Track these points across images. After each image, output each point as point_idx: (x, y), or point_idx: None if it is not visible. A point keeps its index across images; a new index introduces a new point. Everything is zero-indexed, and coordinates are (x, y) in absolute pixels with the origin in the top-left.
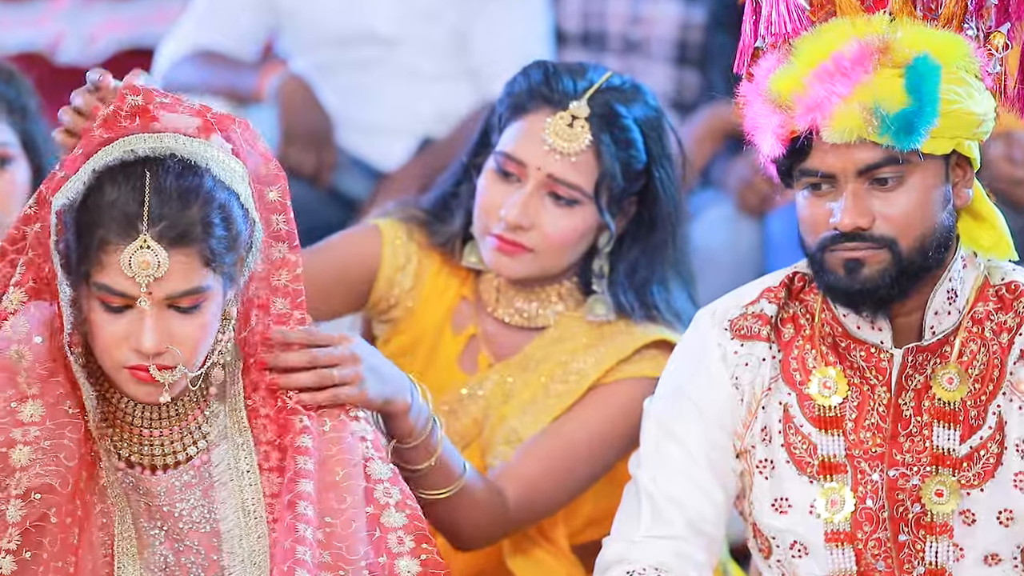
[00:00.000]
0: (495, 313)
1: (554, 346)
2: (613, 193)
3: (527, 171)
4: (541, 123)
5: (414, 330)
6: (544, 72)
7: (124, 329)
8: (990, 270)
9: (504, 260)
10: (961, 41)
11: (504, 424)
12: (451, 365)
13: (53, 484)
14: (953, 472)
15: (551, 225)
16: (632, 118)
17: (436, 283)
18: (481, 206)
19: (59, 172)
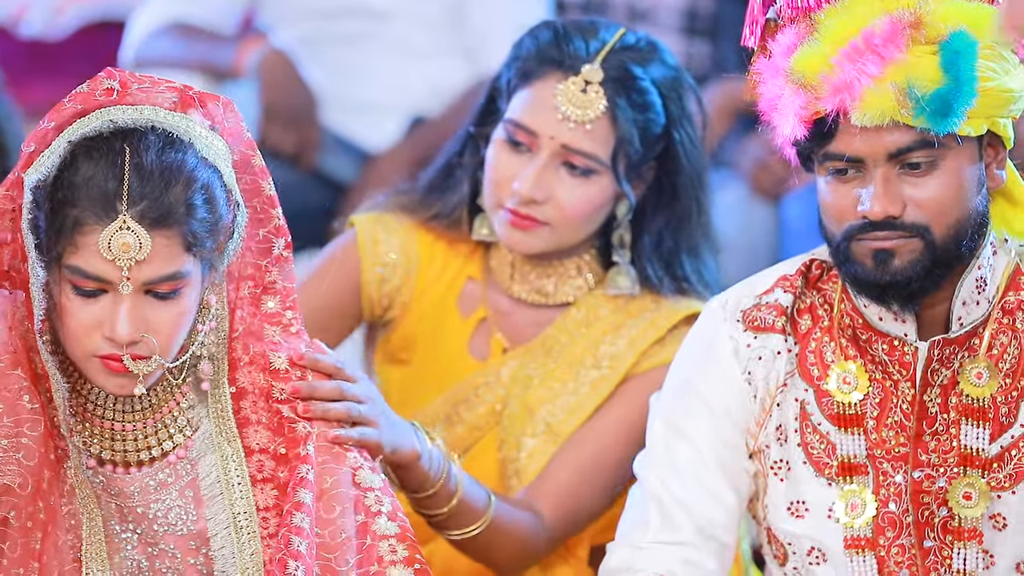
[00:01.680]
0: (510, 291)
1: (580, 328)
2: (631, 160)
3: (539, 141)
4: (552, 89)
5: (414, 322)
6: (553, 33)
7: (96, 316)
8: (1021, 256)
9: (518, 235)
10: (996, 13)
11: (532, 416)
12: (461, 352)
13: (12, 485)
14: (982, 473)
15: (567, 197)
16: (649, 79)
17: (431, 268)
18: (491, 179)
19: (28, 147)
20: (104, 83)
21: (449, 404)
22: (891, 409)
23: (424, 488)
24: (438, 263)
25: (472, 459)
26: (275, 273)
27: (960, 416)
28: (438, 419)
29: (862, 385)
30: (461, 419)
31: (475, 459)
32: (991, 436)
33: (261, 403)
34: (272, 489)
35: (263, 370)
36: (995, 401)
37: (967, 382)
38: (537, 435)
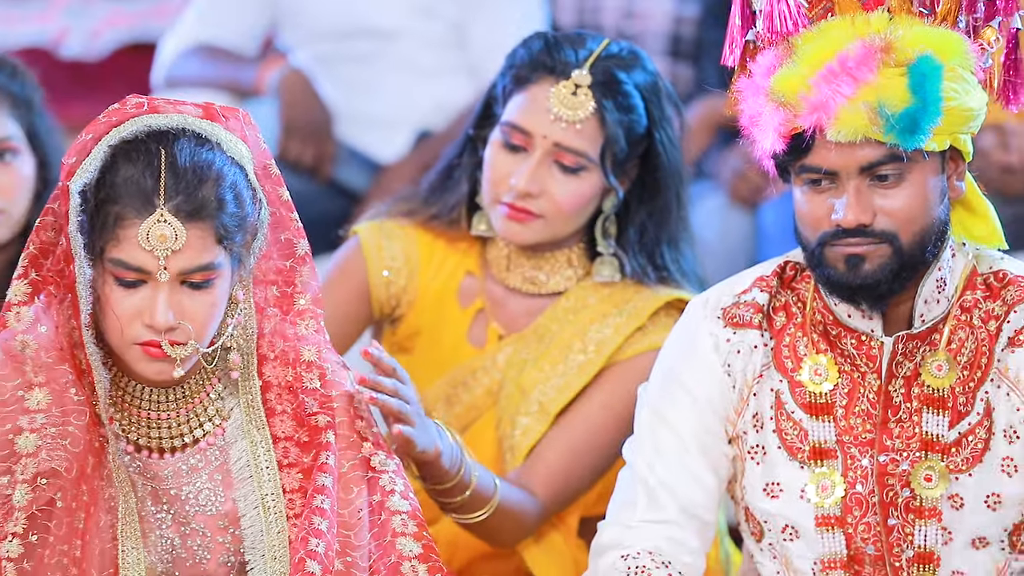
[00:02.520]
0: (505, 281)
1: (569, 316)
2: (617, 158)
3: (533, 141)
4: (545, 93)
5: (418, 315)
6: (545, 42)
7: (137, 305)
8: (978, 259)
9: (515, 227)
10: (959, 39)
11: (526, 397)
12: (460, 340)
13: (59, 469)
14: (942, 457)
15: (559, 191)
16: (632, 84)
17: (431, 266)
18: (490, 177)
19: (69, 159)
20: (134, 100)
21: (449, 386)
22: (859, 398)
23: (442, 482)
24: (437, 260)
25: (471, 436)
26: (303, 273)
27: (922, 405)
28: (439, 400)
29: (832, 376)
30: (460, 400)
31: (474, 436)
32: (950, 423)
33: (286, 395)
34: (297, 473)
35: (288, 365)
36: (953, 391)
37: (928, 374)
38: (530, 414)
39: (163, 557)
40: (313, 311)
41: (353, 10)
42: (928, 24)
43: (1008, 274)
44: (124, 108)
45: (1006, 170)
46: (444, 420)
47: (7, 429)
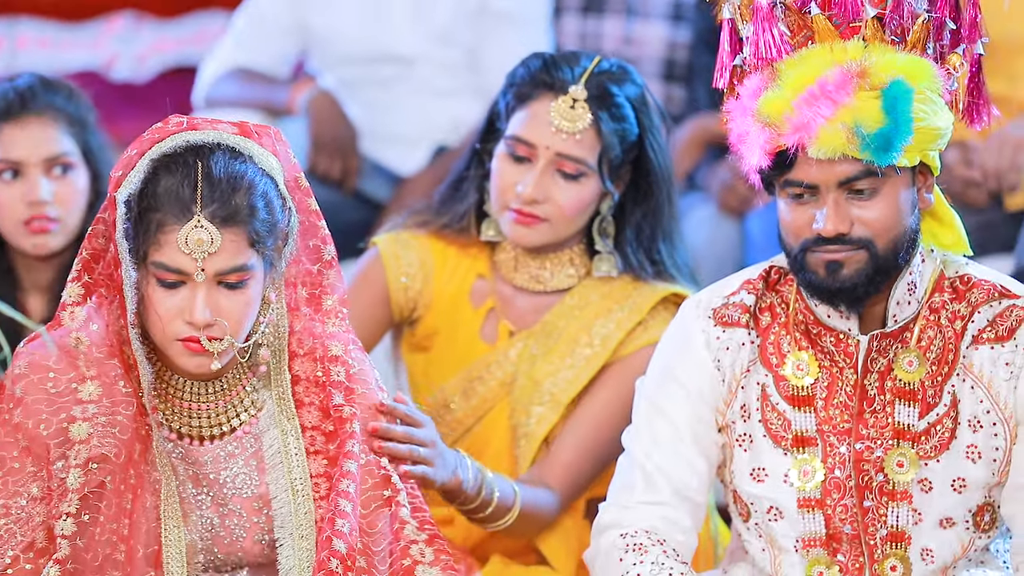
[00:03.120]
0: (514, 281)
1: (574, 313)
2: (613, 164)
3: (537, 151)
4: (546, 107)
5: (434, 317)
6: (543, 62)
7: (178, 304)
8: (945, 264)
9: (522, 231)
10: (928, 65)
11: (538, 388)
12: (473, 338)
13: (109, 455)
14: (912, 445)
15: (562, 197)
16: (624, 96)
17: (445, 271)
18: (498, 186)
19: (116, 172)
20: (175, 119)
21: (465, 381)
22: (837, 391)
23: (466, 504)
24: (451, 265)
25: (485, 425)
26: (330, 276)
27: (894, 397)
28: (456, 393)
29: (813, 371)
30: (476, 392)
31: (488, 426)
32: (920, 414)
33: (313, 389)
34: (323, 459)
35: (316, 361)
36: (923, 385)
37: (900, 369)
38: (544, 403)
39: (203, 535)
40: (339, 311)
41: (377, 38)
42: (900, 51)
43: (972, 278)
44: (166, 126)
45: (969, 184)
46: (461, 411)
47: (62, 419)
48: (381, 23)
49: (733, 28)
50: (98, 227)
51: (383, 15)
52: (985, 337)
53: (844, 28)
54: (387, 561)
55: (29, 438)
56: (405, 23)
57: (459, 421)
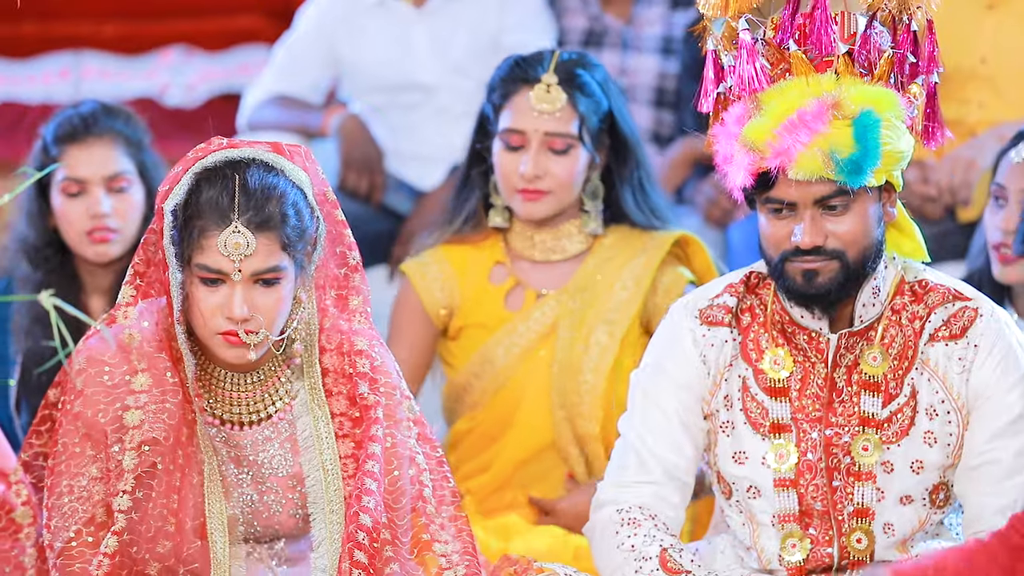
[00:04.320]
0: (533, 256)
1: (602, 267)
2: (592, 132)
3: (527, 136)
4: (526, 97)
5: (464, 309)
6: (512, 63)
7: (218, 301)
8: (905, 269)
9: (532, 206)
10: (893, 95)
11: (593, 329)
12: (498, 308)
13: (159, 438)
14: (876, 431)
15: (558, 169)
16: (588, 76)
17: (465, 270)
18: (502, 175)
19: (164, 187)
20: (217, 140)
21: (506, 336)
22: (809, 383)
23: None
24: (468, 262)
25: (524, 372)
26: (355, 279)
27: (860, 389)
28: (499, 347)
29: (788, 365)
30: (517, 344)
31: (527, 371)
32: (883, 403)
33: (341, 380)
34: (350, 443)
35: (343, 355)
36: (886, 378)
37: (865, 363)
38: (600, 339)
39: (244, 510)
40: (364, 310)
41: (402, 69)
42: (868, 83)
43: (929, 283)
44: (208, 146)
45: (926, 199)
46: (502, 363)
47: (117, 408)
48: (405, 56)
49: (716, 58)
50: (149, 237)
51: (407, 49)
52: (940, 335)
53: (818, 62)
54: (409, 534)
55: (88, 425)
56: (426, 56)
57: (498, 373)
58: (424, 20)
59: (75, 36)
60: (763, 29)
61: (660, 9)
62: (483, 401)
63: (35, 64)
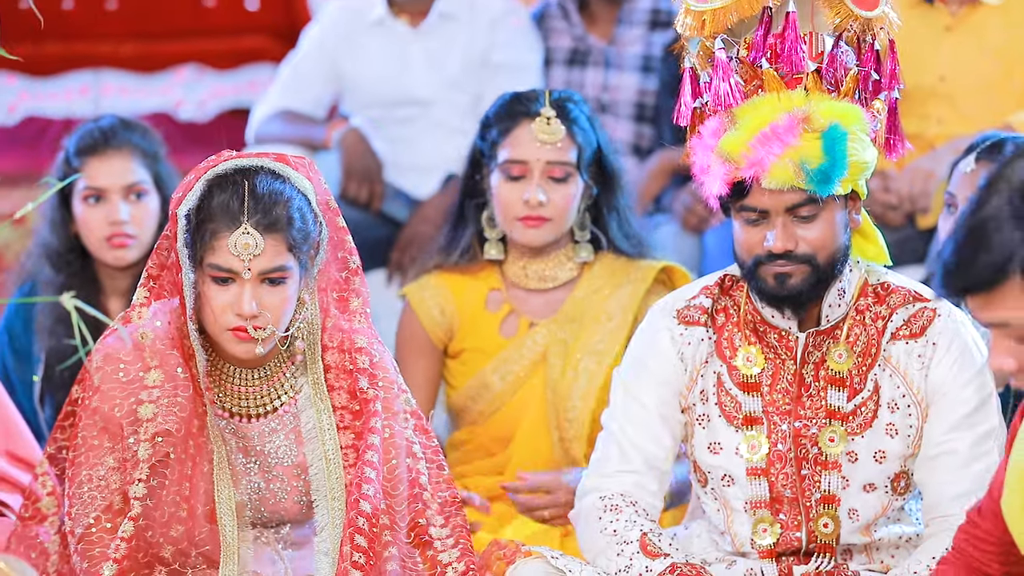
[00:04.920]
0: (527, 285)
1: (589, 298)
2: (587, 162)
3: (529, 166)
4: (527, 129)
5: (463, 332)
6: (508, 99)
7: (228, 299)
8: (869, 272)
9: (533, 233)
10: (858, 110)
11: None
12: (494, 335)
13: (171, 430)
14: (842, 423)
15: (558, 197)
16: (579, 111)
17: (462, 297)
18: (502, 204)
19: (177, 194)
20: (226, 152)
21: (501, 363)
22: (779, 379)
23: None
24: (466, 289)
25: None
26: (355, 282)
27: (827, 384)
28: (494, 373)
29: (759, 362)
30: (511, 372)
31: (523, 397)
32: (848, 397)
33: (342, 375)
34: (351, 434)
35: (344, 352)
36: (851, 373)
37: (832, 360)
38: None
39: (251, 497)
40: (363, 310)
41: (399, 85)
42: (835, 99)
43: (891, 285)
44: (219, 157)
45: (887, 207)
46: (499, 388)
47: (132, 402)
48: (402, 73)
49: (693, 76)
50: (162, 242)
51: (404, 66)
52: (901, 334)
53: (789, 79)
54: (406, 519)
55: (105, 419)
56: (422, 73)
57: (496, 397)
58: (420, 39)
59: (95, 55)
60: (737, 48)
61: (640, 30)
62: (481, 420)
63: (57, 81)
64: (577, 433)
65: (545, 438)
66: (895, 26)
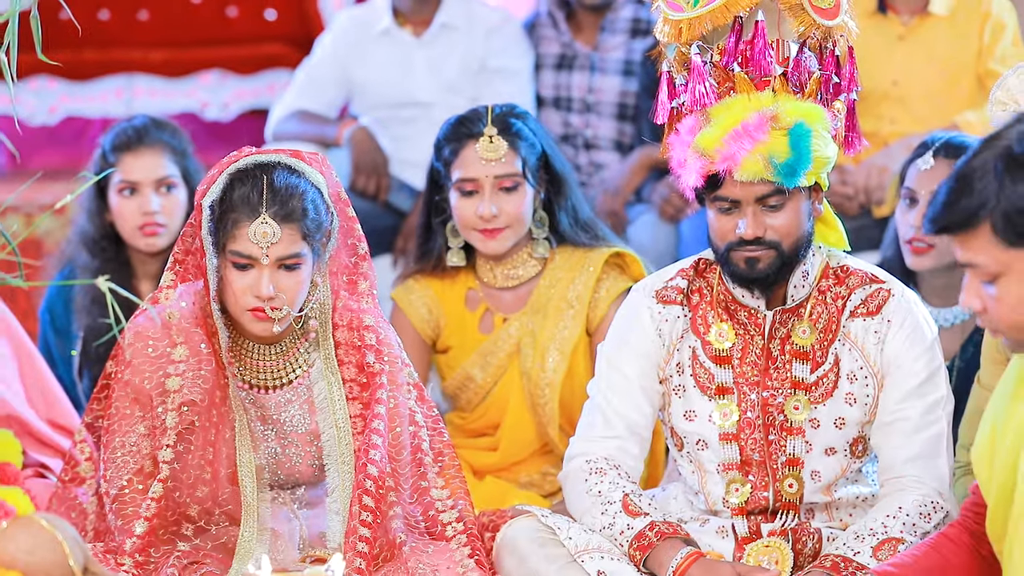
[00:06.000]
0: (494, 283)
1: (550, 292)
2: (532, 169)
3: (479, 182)
4: (473, 150)
5: (450, 332)
6: (454, 123)
7: (248, 283)
8: (830, 256)
9: (492, 243)
10: (821, 110)
11: (546, 350)
12: (474, 332)
13: (196, 400)
14: (805, 393)
15: (510, 206)
16: (521, 123)
17: (445, 297)
18: (460, 219)
19: (202, 186)
20: (247, 149)
21: (480, 357)
22: (749, 353)
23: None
24: (446, 290)
25: (502, 387)
26: (363, 266)
27: (792, 357)
28: (475, 367)
29: (730, 337)
30: (490, 364)
31: (504, 386)
32: (811, 369)
33: (351, 351)
34: (359, 404)
35: (353, 330)
36: (813, 348)
37: (796, 336)
38: (555, 357)
39: (269, 461)
40: (371, 292)
41: (403, 88)
42: (800, 99)
43: (850, 268)
44: (240, 153)
45: (845, 197)
46: (481, 379)
47: (160, 375)
48: (406, 78)
49: (670, 79)
50: (187, 230)
51: (407, 72)
52: (859, 312)
53: (758, 81)
54: (409, 481)
55: (136, 391)
56: (424, 77)
57: (480, 387)
58: (422, 47)
59: (128, 61)
60: (711, 54)
61: (622, 37)
62: (469, 408)
63: (94, 85)
64: (549, 418)
65: (529, 422)
66: (853, 34)
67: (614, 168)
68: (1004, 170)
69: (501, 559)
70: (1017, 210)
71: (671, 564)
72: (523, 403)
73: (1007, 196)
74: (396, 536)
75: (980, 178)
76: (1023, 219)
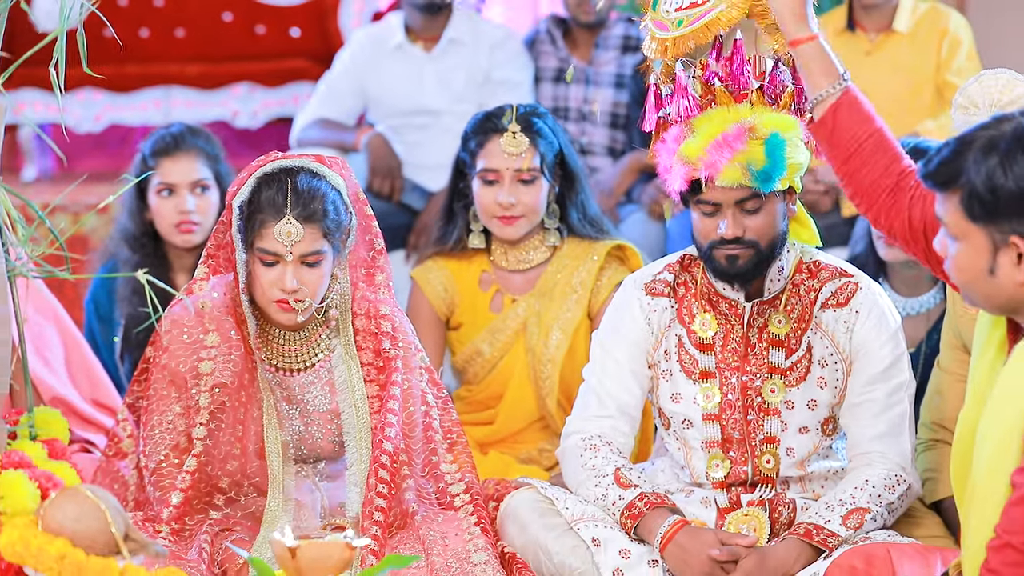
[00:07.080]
0: (507, 266)
1: (557, 276)
2: (549, 166)
3: (500, 173)
4: (497, 143)
5: (461, 307)
6: (482, 118)
7: (274, 277)
8: (803, 252)
9: (509, 229)
10: (794, 120)
11: (551, 327)
12: (485, 311)
13: (227, 382)
14: (781, 377)
15: (527, 196)
16: (542, 122)
17: (460, 277)
18: (481, 205)
19: (233, 188)
20: (273, 154)
21: (490, 333)
22: (729, 340)
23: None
24: (462, 270)
25: (507, 361)
26: (380, 260)
27: (769, 345)
28: (484, 342)
29: (713, 327)
30: (498, 340)
31: (510, 361)
32: (786, 356)
33: (368, 337)
34: (375, 386)
35: (370, 318)
36: (788, 337)
37: (773, 325)
38: (557, 336)
39: (293, 438)
40: (387, 284)
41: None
42: (775, 111)
43: (821, 263)
44: (267, 158)
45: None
46: (489, 353)
47: (194, 359)
48: (417, 89)
49: (657, 91)
50: (219, 227)
51: (419, 83)
52: (830, 304)
53: (737, 95)
54: (421, 456)
55: (172, 374)
56: (434, 88)
57: (487, 360)
58: (432, 61)
59: (166, 75)
60: (694, 68)
61: (614, 53)
62: (476, 381)
63: (135, 96)
64: (550, 391)
65: (529, 394)
66: None
67: (607, 172)
68: (983, 151)
69: (504, 527)
70: (981, 190)
71: (659, 531)
72: (526, 377)
73: (978, 174)
74: (409, 506)
75: (969, 149)
76: (983, 202)
